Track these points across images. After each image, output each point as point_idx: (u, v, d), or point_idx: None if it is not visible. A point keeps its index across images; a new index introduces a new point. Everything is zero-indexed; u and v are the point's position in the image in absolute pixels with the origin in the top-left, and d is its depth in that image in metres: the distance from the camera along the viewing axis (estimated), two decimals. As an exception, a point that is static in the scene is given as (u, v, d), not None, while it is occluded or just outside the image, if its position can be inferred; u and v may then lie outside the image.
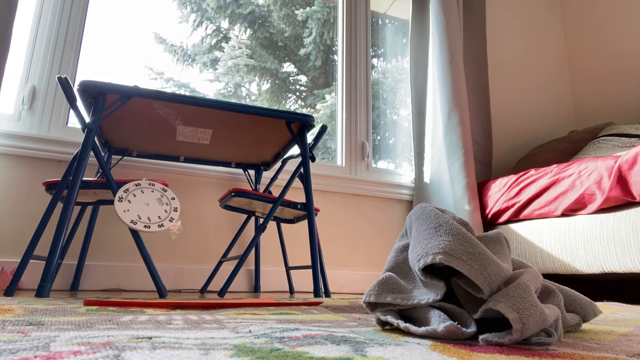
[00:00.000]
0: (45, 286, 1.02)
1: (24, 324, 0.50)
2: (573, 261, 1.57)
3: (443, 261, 0.48)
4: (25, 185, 1.50)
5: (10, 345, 0.37)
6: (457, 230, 0.51)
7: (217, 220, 1.76)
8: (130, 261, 1.59)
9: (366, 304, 0.57)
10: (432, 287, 0.52)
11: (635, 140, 1.98)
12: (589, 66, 2.74)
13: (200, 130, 1.45)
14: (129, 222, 1.12)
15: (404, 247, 0.61)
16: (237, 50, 2.36)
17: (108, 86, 1.17)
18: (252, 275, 1.77)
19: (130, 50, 1.97)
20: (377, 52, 2.48)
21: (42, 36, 1.63)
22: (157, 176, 1.69)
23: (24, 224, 1.47)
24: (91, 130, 1.16)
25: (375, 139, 2.31)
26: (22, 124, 1.55)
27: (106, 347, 0.37)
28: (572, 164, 1.63)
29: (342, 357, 0.37)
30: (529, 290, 0.46)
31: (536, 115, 2.68)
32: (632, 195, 1.38)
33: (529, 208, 1.72)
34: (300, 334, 0.48)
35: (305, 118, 1.38)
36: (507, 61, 2.66)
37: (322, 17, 2.45)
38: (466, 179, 1.93)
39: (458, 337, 0.47)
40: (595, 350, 0.45)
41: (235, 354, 0.36)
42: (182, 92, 2.15)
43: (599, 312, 0.64)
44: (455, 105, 2.03)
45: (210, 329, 0.51)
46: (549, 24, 2.88)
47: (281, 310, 0.77)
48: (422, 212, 0.58)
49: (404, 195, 2.16)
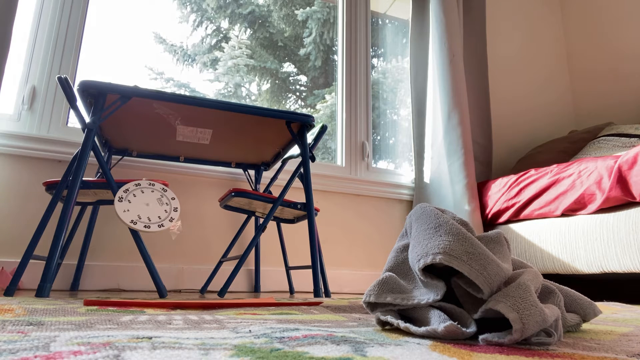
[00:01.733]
0: (45, 286, 1.02)
1: (24, 324, 0.50)
2: (573, 261, 1.57)
3: (443, 261, 0.48)
4: (25, 185, 1.50)
5: (10, 345, 0.37)
6: (457, 230, 0.51)
7: (217, 220, 1.76)
8: (130, 261, 1.59)
9: (366, 304, 0.57)
10: (432, 287, 0.52)
11: (635, 140, 1.98)
12: (589, 66, 2.74)
13: (200, 130, 1.45)
14: (129, 222, 1.12)
15: (404, 247, 0.61)
16: (237, 50, 2.36)
17: (108, 86, 1.17)
18: (252, 275, 1.77)
19: (130, 50, 1.97)
20: (377, 52, 2.48)
21: (42, 36, 1.63)
22: (157, 176, 1.69)
23: (24, 224, 1.47)
24: (91, 130, 1.16)
25: (375, 139, 2.31)
26: (22, 124, 1.55)
27: (106, 347, 0.37)
28: (572, 164, 1.63)
29: (342, 357, 0.37)
30: (529, 290, 0.46)
31: (536, 115, 2.68)
32: (632, 195, 1.38)
33: (529, 208, 1.72)
34: (300, 334, 0.48)
35: (305, 118, 1.38)
36: (507, 61, 2.65)
37: (322, 17, 2.45)
38: (466, 179, 1.93)
39: (458, 337, 0.47)
40: (595, 350, 0.45)
41: (235, 354, 0.36)
42: (182, 92, 2.15)
43: (599, 312, 0.64)
44: (455, 105, 2.03)
45: (210, 329, 0.51)
46: (549, 23, 2.88)
47: (281, 310, 0.77)
48: (422, 212, 0.58)
49: (404, 195, 2.16)
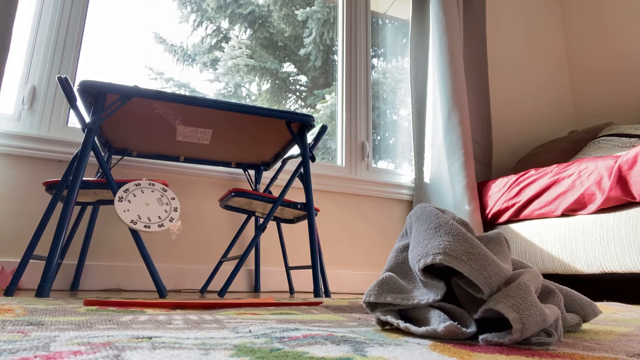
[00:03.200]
0: (45, 286, 1.02)
1: (24, 324, 0.50)
2: (573, 261, 1.57)
3: (443, 262, 0.48)
4: (25, 185, 1.50)
5: (10, 345, 0.37)
6: (458, 231, 0.51)
7: (217, 220, 1.76)
8: (130, 261, 1.59)
9: (366, 304, 0.57)
10: (432, 287, 0.52)
11: (635, 140, 1.98)
12: (589, 66, 2.74)
13: (200, 130, 1.45)
14: (129, 222, 1.12)
15: (404, 247, 0.61)
16: (237, 50, 2.35)
17: (108, 86, 1.17)
18: (252, 275, 1.77)
19: (130, 51, 1.97)
20: (377, 52, 2.48)
21: (42, 36, 1.63)
22: (157, 176, 1.69)
23: (24, 224, 1.47)
24: (91, 130, 1.16)
25: (375, 139, 2.31)
26: (22, 124, 1.55)
27: (106, 347, 0.37)
28: (572, 164, 1.63)
29: (342, 357, 0.37)
30: (529, 291, 0.46)
31: (536, 115, 2.67)
32: (632, 195, 1.38)
33: (529, 208, 1.72)
34: (300, 334, 0.48)
35: (305, 118, 1.38)
36: (507, 61, 2.65)
37: (322, 17, 2.45)
38: (466, 179, 1.93)
39: (458, 337, 0.47)
40: (595, 350, 0.45)
41: (235, 354, 0.36)
42: (182, 92, 2.15)
43: (599, 312, 0.64)
44: (455, 105, 2.03)
45: (210, 329, 0.51)
46: (549, 23, 2.88)
47: (281, 310, 0.77)
48: (422, 212, 0.58)
49: (404, 195, 2.16)
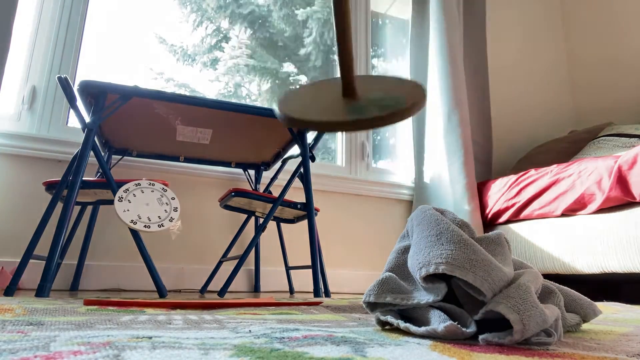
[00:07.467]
0: (45, 286, 1.02)
1: (24, 323, 0.50)
2: (573, 261, 1.57)
3: (446, 271, 0.48)
4: (25, 185, 1.50)
5: (10, 345, 0.37)
6: (459, 238, 0.51)
7: (217, 220, 1.76)
8: (130, 261, 1.59)
9: (366, 304, 0.57)
10: (433, 289, 0.52)
11: (635, 140, 1.98)
12: (589, 66, 2.74)
13: (200, 130, 1.45)
14: (129, 222, 1.12)
15: (405, 249, 0.61)
16: (237, 50, 2.35)
17: (108, 86, 1.17)
18: (252, 275, 1.77)
19: (131, 50, 1.97)
20: (377, 52, 2.48)
21: (42, 36, 1.63)
22: (157, 176, 1.69)
23: (24, 224, 1.47)
24: (91, 130, 1.16)
25: (375, 139, 2.31)
26: (22, 124, 1.55)
27: (106, 346, 0.37)
28: (572, 164, 1.63)
29: (342, 357, 0.37)
30: (529, 291, 0.46)
31: (536, 115, 2.67)
32: (632, 195, 1.38)
33: (529, 208, 1.72)
34: (300, 334, 0.48)
35: (305, 118, 1.37)
36: (507, 61, 2.65)
37: (323, 17, 2.45)
38: (466, 179, 1.93)
39: (458, 337, 0.47)
40: (595, 350, 0.45)
41: (235, 354, 0.36)
42: (182, 92, 2.15)
43: (599, 312, 0.64)
44: (455, 105, 2.03)
45: (210, 329, 0.51)
46: (549, 24, 2.88)
47: (281, 310, 0.77)
48: (423, 217, 0.58)
49: (404, 195, 2.16)
